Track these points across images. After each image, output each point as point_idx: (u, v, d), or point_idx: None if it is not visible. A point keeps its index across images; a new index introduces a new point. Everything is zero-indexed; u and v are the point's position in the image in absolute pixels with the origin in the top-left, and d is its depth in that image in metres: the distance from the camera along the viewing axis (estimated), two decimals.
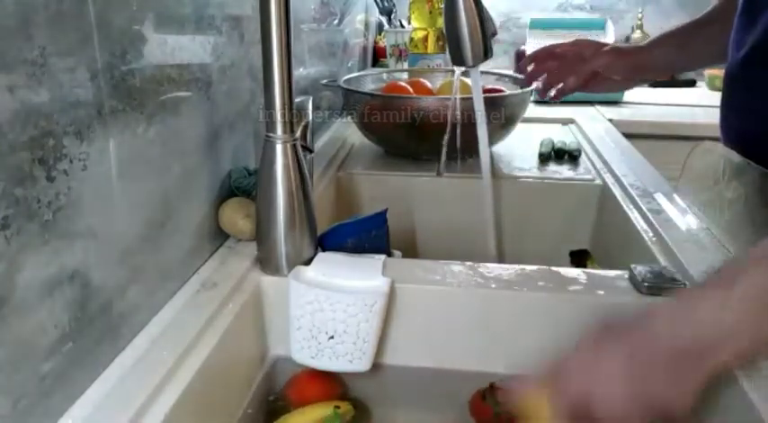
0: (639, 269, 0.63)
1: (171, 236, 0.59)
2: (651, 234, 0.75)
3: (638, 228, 0.77)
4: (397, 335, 0.65)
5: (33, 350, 0.40)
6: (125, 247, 0.51)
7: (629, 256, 0.77)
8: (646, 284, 0.61)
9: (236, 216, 0.69)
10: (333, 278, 0.62)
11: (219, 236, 0.70)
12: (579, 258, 0.85)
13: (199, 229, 0.65)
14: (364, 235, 0.72)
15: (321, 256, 0.66)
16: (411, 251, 1.05)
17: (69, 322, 0.44)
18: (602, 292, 0.62)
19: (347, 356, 0.60)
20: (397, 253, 0.77)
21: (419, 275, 0.65)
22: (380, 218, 0.73)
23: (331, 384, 0.63)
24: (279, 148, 0.61)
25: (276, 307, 0.65)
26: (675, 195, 0.86)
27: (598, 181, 0.99)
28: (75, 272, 0.44)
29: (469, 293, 0.63)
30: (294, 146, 0.62)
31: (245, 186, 0.72)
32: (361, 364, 0.60)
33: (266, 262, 0.65)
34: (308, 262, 0.65)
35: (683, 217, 0.78)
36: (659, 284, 0.61)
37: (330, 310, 0.59)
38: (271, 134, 0.61)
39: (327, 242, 0.70)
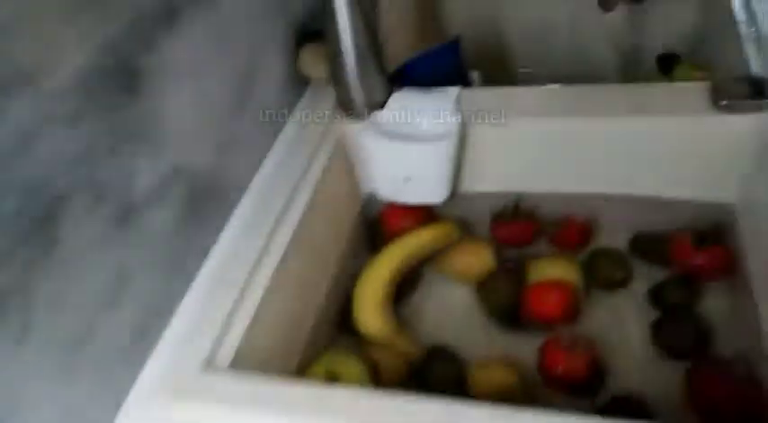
0: (722, 79, 0.61)
1: (255, 98, 0.64)
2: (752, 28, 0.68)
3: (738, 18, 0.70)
4: (474, 165, 0.70)
5: (163, 234, 0.52)
6: (219, 116, 0.58)
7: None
8: (723, 102, 0.59)
9: (314, 61, 0.72)
10: (405, 123, 0.66)
11: (301, 82, 0.74)
12: (667, 63, 0.79)
13: (282, 80, 0.70)
14: (439, 66, 0.73)
15: (394, 97, 0.69)
16: (499, 62, 1.02)
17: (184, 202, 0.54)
18: (673, 113, 0.61)
19: (425, 192, 0.67)
20: (475, 74, 0.78)
21: (494, 106, 0.66)
22: (453, 47, 0.73)
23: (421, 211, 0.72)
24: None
25: (361, 150, 0.71)
26: None
27: None
28: (177, 167, 0.53)
29: (544, 125, 0.65)
30: None
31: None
32: (437, 196, 0.68)
33: (345, 107, 0.70)
34: (383, 103, 0.69)
35: None
36: (739, 100, 0.59)
37: (403, 158, 0.65)
38: None
39: (403, 77, 0.72)
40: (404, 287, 0.69)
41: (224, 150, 0.60)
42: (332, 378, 0.58)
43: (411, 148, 0.64)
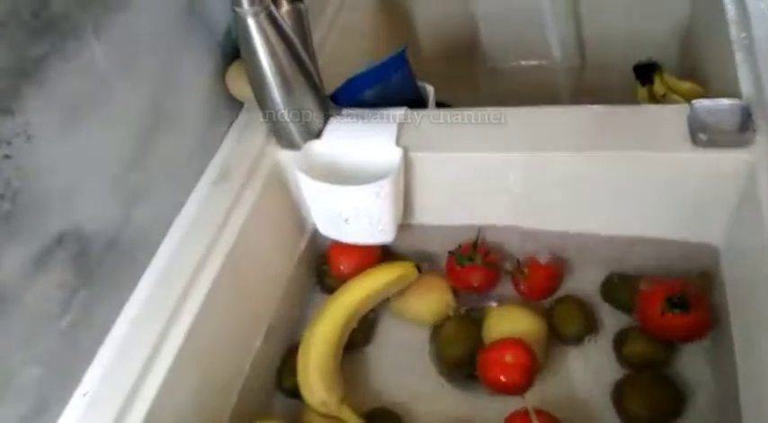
0: (703, 105, 0.52)
1: (173, 130, 0.56)
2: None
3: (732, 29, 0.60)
4: (421, 197, 0.62)
5: (49, 314, 0.45)
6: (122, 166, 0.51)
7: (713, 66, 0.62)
8: (702, 136, 0.50)
9: (244, 80, 0.64)
10: (343, 156, 0.58)
11: (234, 104, 0.66)
12: (646, 73, 0.69)
13: (208, 105, 0.62)
14: (384, 82, 0.64)
15: (332, 123, 0.61)
16: (469, 55, 0.93)
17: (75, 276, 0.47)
18: (647, 147, 0.52)
19: (368, 233, 0.60)
20: (430, 88, 0.68)
21: (437, 139, 0.58)
22: (399, 59, 0.64)
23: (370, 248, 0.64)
24: (251, 23, 0.52)
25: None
26: None
27: None
28: (61, 234, 0.45)
29: (488, 158, 0.57)
30: (269, 14, 0.53)
31: None
32: (382, 237, 0.60)
33: (278, 137, 0.62)
34: (319, 131, 0.60)
35: None
36: (721, 134, 0.50)
37: (339, 200, 0.57)
38: (237, 8, 0.52)
39: (343, 98, 0.64)
40: (355, 333, 0.62)
41: (133, 198, 0.52)
42: None
43: (349, 190, 0.56)
